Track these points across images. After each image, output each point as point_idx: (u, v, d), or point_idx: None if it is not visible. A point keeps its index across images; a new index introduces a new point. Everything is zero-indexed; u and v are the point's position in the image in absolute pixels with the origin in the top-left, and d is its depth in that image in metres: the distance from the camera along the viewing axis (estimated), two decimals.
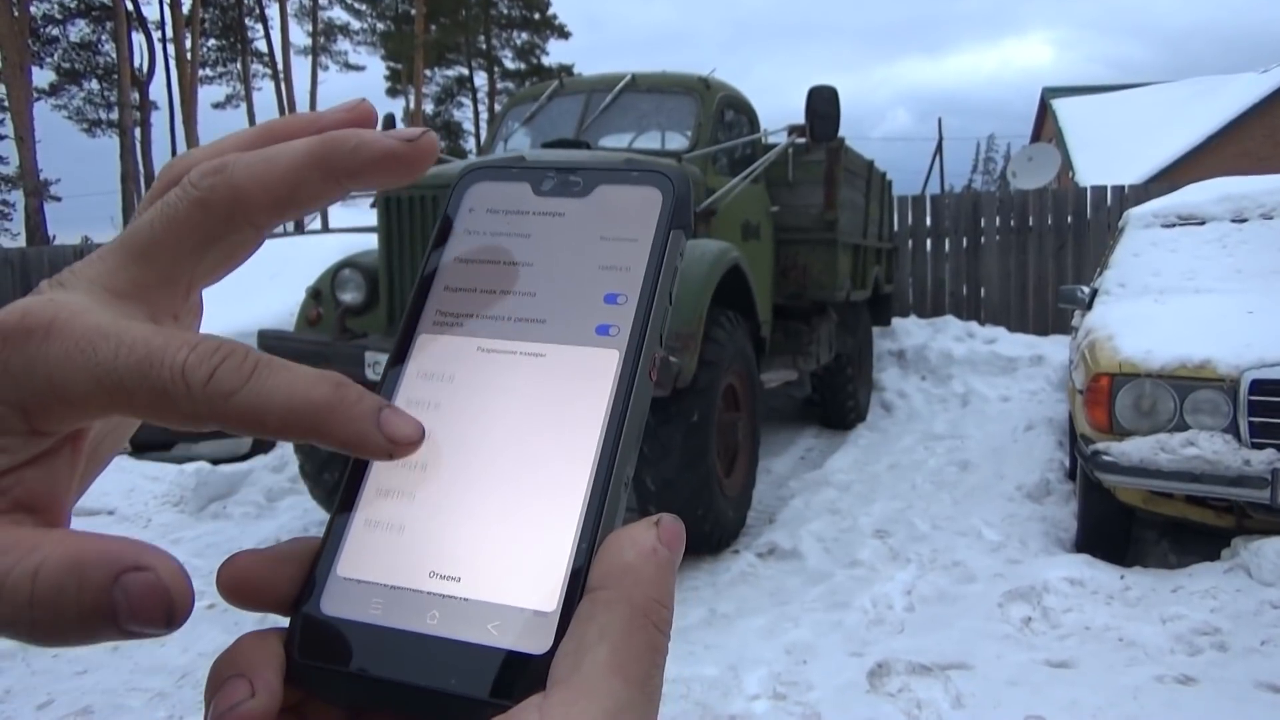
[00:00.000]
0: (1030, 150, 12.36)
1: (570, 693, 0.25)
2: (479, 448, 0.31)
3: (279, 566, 0.30)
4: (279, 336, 4.31)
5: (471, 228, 0.35)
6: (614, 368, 0.31)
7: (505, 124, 5.59)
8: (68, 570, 0.23)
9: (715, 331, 3.99)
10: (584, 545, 0.29)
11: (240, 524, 4.72)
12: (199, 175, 0.30)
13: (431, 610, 0.28)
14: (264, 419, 0.26)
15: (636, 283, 0.33)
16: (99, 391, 0.26)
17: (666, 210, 0.34)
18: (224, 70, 32.72)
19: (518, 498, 0.30)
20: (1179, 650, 2.92)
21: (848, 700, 2.65)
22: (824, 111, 5.02)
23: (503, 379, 0.32)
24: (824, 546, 4.14)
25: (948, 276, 9.60)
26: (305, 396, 0.27)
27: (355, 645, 0.29)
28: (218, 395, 0.26)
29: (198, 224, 0.29)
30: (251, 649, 0.28)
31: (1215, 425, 3.44)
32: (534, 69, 35.48)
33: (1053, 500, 4.75)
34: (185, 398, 0.26)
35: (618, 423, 0.30)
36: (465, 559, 0.29)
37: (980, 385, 7.65)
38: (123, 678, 3.03)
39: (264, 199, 0.30)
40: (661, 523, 0.29)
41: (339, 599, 0.29)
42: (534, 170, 0.36)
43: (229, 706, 0.26)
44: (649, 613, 0.27)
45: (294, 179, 0.30)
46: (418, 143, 0.31)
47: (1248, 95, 20.77)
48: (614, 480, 0.30)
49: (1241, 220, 4.81)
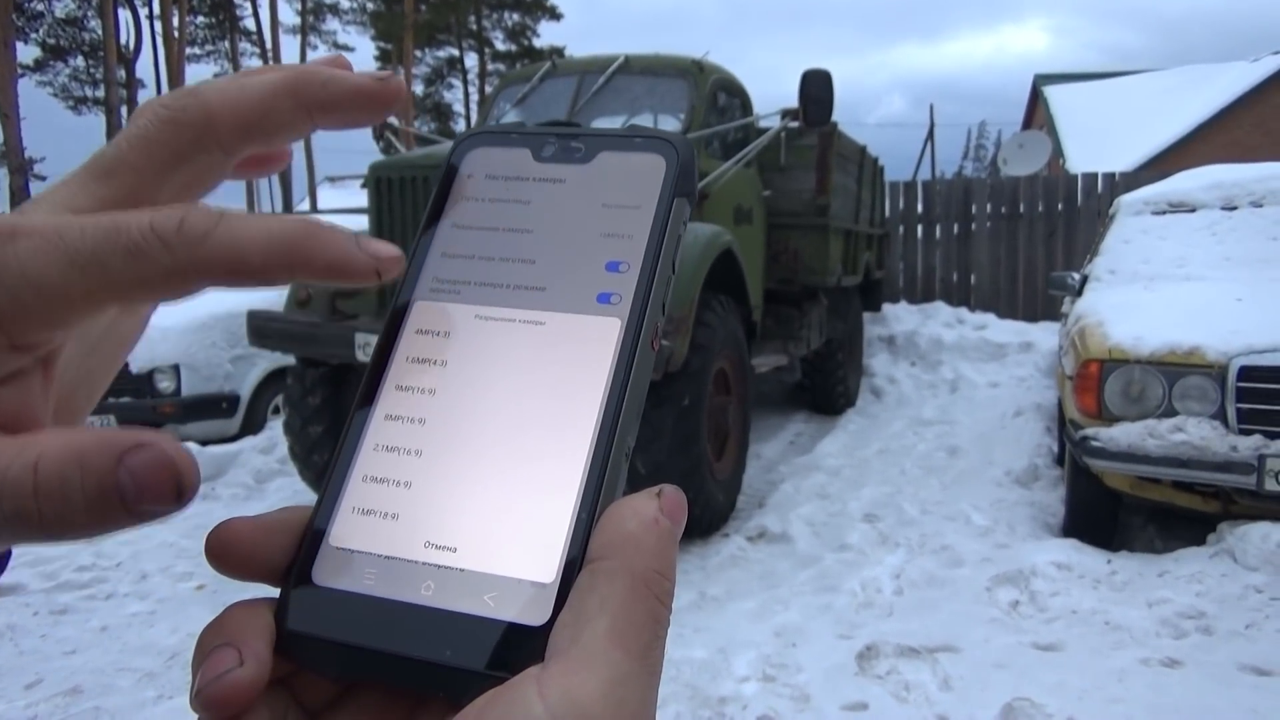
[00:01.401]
0: (1021, 137, 12.39)
1: (569, 664, 0.25)
2: (476, 417, 0.30)
3: (270, 535, 0.29)
4: (268, 317, 4.29)
5: (470, 194, 0.35)
6: (615, 336, 0.31)
7: (496, 105, 5.55)
8: (69, 459, 0.23)
9: (707, 316, 3.98)
10: (584, 515, 0.28)
11: (229, 505, 4.71)
12: (171, 97, 0.30)
13: (426, 581, 0.28)
14: (246, 255, 0.26)
15: (639, 250, 0.32)
16: (73, 272, 0.25)
17: (670, 177, 0.33)
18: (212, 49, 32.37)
19: (516, 468, 0.29)
20: (1164, 633, 2.94)
21: (836, 682, 2.67)
22: (817, 95, 5.00)
23: (501, 347, 0.31)
24: (813, 530, 4.15)
25: (938, 262, 9.62)
26: (281, 228, 0.27)
27: (347, 616, 0.28)
28: (193, 238, 0.25)
29: (166, 142, 0.29)
30: (241, 618, 0.28)
31: (1203, 411, 3.46)
32: (525, 51, 35.22)
33: (1041, 485, 4.78)
34: (161, 250, 0.25)
35: (619, 392, 0.30)
36: (462, 529, 0.29)
37: (970, 371, 7.68)
38: (111, 658, 3.02)
39: (234, 120, 0.30)
40: (664, 493, 0.29)
41: (331, 569, 0.29)
42: (534, 136, 0.36)
43: (216, 675, 0.26)
44: (650, 584, 0.26)
45: (265, 104, 0.30)
46: (387, 81, 0.31)
47: (1238, 84, 20.79)
48: (615, 450, 0.29)
49: (1231, 208, 4.83)
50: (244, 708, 0.26)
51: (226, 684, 0.26)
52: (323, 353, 4.05)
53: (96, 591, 3.61)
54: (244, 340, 4.65)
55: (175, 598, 3.55)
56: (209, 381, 5.81)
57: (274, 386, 6.03)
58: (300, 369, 4.40)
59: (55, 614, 3.40)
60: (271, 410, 6.13)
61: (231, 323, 5.74)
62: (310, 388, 4.34)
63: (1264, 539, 3.28)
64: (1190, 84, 22.73)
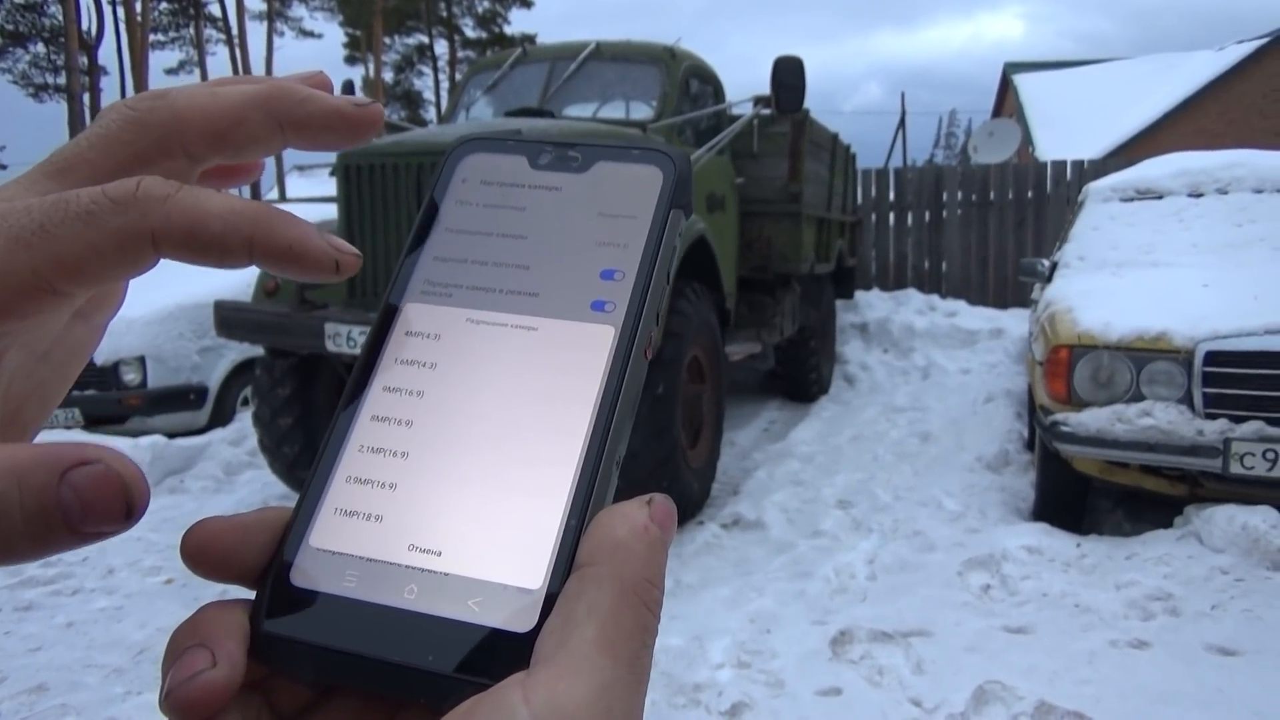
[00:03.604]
0: (991, 125, 12.48)
1: (556, 670, 0.24)
2: (465, 420, 0.30)
3: (248, 535, 0.28)
4: (236, 308, 4.23)
5: (464, 198, 0.35)
6: (609, 344, 0.31)
7: (467, 92, 5.49)
8: (6, 476, 0.21)
9: (680, 304, 3.98)
10: (573, 522, 0.28)
11: (198, 498, 4.65)
12: (138, 99, 0.29)
13: (409, 584, 0.27)
14: (206, 222, 0.25)
15: (634, 260, 0.32)
16: (18, 249, 0.24)
17: (667, 189, 0.33)
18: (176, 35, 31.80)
19: (504, 472, 0.29)
20: (1133, 615, 2.98)
21: (810, 667, 2.68)
22: (789, 82, 4.99)
23: (492, 351, 0.31)
24: (787, 517, 4.17)
25: (910, 250, 9.68)
26: (243, 203, 0.26)
27: (326, 618, 0.27)
28: (152, 199, 0.25)
29: (129, 142, 0.28)
30: (214, 618, 0.27)
31: (1170, 396, 3.50)
32: (496, 38, 34.95)
33: (1011, 470, 4.83)
34: (113, 212, 0.24)
35: (611, 400, 0.30)
36: (447, 533, 0.28)
37: (941, 358, 7.74)
38: (78, 654, 2.98)
39: (203, 127, 0.29)
40: (654, 501, 0.28)
41: (311, 570, 0.28)
42: (531, 144, 0.36)
43: (187, 676, 0.25)
44: (640, 591, 0.26)
45: (237, 114, 0.29)
46: (366, 109, 0.31)
47: (1204, 72, 21.06)
48: (605, 458, 0.29)
49: (1198, 195, 4.89)
50: (216, 711, 0.25)
51: (198, 686, 0.25)
52: (292, 343, 4.00)
53: (62, 587, 3.56)
54: (211, 331, 4.59)
55: (143, 592, 3.50)
56: (176, 373, 5.74)
57: (243, 378, 5.96)
58: (269, 360, 4.35)
59: (20, 610, 3.35)
60: (241, 402, 6.06)
61: (198, 313, 5.66)
62: (279, 379, 4.29)
63: (1229, 521, 3.33)
64: (1157, 72, 22.99)
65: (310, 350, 3.96)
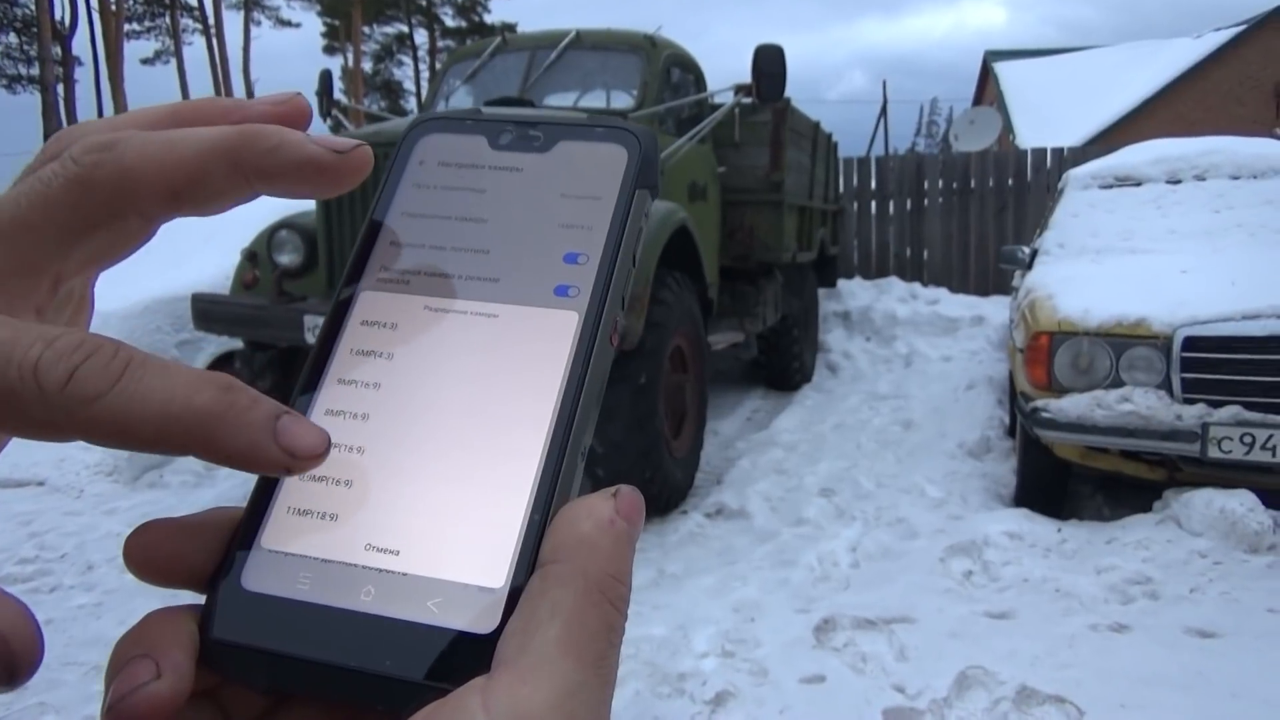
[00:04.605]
0: (972, 113, 12.51)
1: (517, 674, 0.23)
2: (424, 413, 0.29)
3: (195, 537, 0.27)
4: (214, 300, 4.19)
5: (421, 181, 0.33)
6: (573, 330, 0.29)
7: (446, 82, 5.45)
8: None
9: (662, 293, 3.97)
10: (536, 517, 0.27)
11: (178, 493, 4.61)
12: (83, 150, 0.26)
13: (366, 586, 0.26)
14: (136, 429, 0.23)
15: (599, 242, 0.31)
16: None
17: (632, 169, 0.32)
18: (152, 24, 31.44)
19: (465, 466, 0.28)
20: (1112, 599, 3.01)
21: (794, 655, 2.69)
22: (770, 71, 4.98)
23: (452, 340, 0.30)
24: (771, 506, 4.18)
25: (892, 238, 9.70)
26: (186, 402, 0.23)
27: (279, 623, 0.26)
28: (78, 400, 0.22)
29: (74, 205, 0.26)
30: (159, 627, 0.26)
31: (1149, 381, 3.53)
32: (476, 26, 34.75)
33: (993, 457, 4.85)
34: (38, 402, 0.22)
35: (576, 388, 0.29)
36: (405, 531, 0.27)
37: (923, 345, 7.77)
38: (56, 652, 2.95)
39: (157, 185, 0.26)
40: (620, 494, 0.27)
41: (263, 573, 0.27)
42: (491, 123, 0.34)
43: (130, 689, 0.24)
44: (605, 588, 0.25)
45: (196, 168, 0.26)
46: (348, 156, 0.28)
47: (1182, 60, 21.22)
48: (570, 449, 0.28)
49: (1176, 181, 4.92)
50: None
51: (141, 699, 0.24)
52: (271, 335, 3.97)
53: (40, 584, 3.52)
54: (189, 324, 4.54)
55: (123, 589, 3.47)
56: None
57: (222, 371, 5.90)
58: (248, 352, 4.31)
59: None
60: None
61: (176, 307, 5.60)
62: (259, 371, 4.26)
63: (1207, 505, 3.36)
64: (1136, 60, 23.13)
65: (289, 342, 3.93)
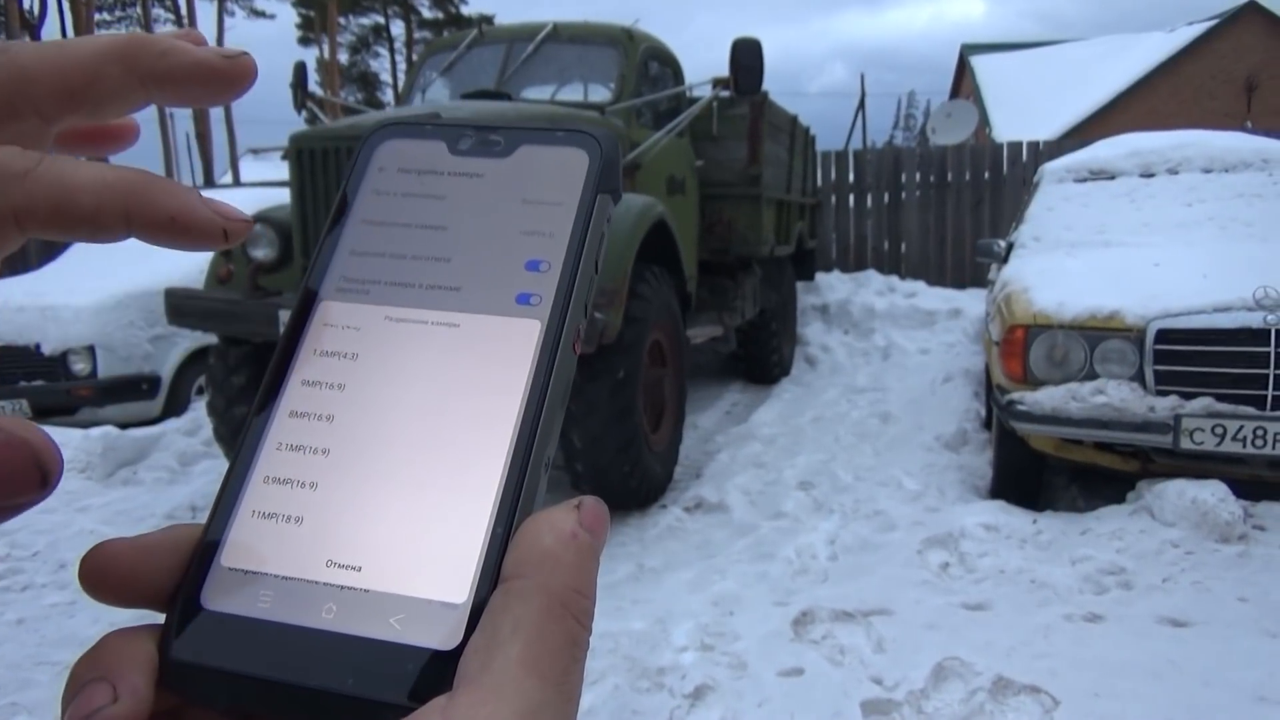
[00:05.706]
0: (949, 107, 12.55)
1: (479, 693, 0.23)
2: (385, 426, 0.28)
3: (152, 556, 0.27)
4: (188, 295, 4.14)
5: (380, 188, 0.33)
6: (535, 339, 0.29)
7: (423, 74, 5.41)
8: None
9: (640, 287, 3.96)
10: (499, 531, 0.26)
11: (152, 490, 4.56)
12: None
13: (328, 603, 0.26)
14: (75, 197, 0.23)
15: (560, 249, 0.30)
16: None
17: (593, 173, 0.32)
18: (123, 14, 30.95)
19: (427, 480, 0.27)
20: (1087, 590, 3.04)
21: (773, 648, 2.70)
22: (748, 64, 4.98)
23: (412, 351, 0.29)
24: (750, 499, 4.19)
25: (869, 231, 9.74)
26: (116, 173, 0.24)
27: (239, 643, 0.26)
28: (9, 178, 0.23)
29: None
30: (117, 648, 0.25)
31: (1123, 374, 3.56)
32: (452, 18, 34.50)
33: (969, 449, 4.89)
34: None
35: (538, 398, 0.28)
36: (367, 547, 0.27)
37: (900, 338, 7.81)
38: (29, 651, 2.91)
39: (53, 83, 0.26)
40: (583, 505, 0.26)
41: (222, 592, 0.26)
42: (450, 128, 0.34)
43: (86, 714, 0.23)
44: (568, 603, 0.24)
45: (91, 67, 0.27)
46: (236, 60, 0.28)
47: (1155, 53, 21.42)
48: (533, 461, 0.27)
49: (1149, 175, 4.96)
50: None
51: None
52: (245, 330, 3.93)
53: (12, 583, 3.47)
54: (163, 319, 4.49)
55: None
56: (127, 362, 5.61)
57: (196, 366, 5.84)
58: (223, 348, 4.27)
59: None
60: (195, 391, 5.94)
61: (149, 301, 5.54)
62: (234, 367, 4.22)
63: (1180, 496, 3.40)
64: (1111, 53, 23.32)
65: (264, 338, 3.89)
